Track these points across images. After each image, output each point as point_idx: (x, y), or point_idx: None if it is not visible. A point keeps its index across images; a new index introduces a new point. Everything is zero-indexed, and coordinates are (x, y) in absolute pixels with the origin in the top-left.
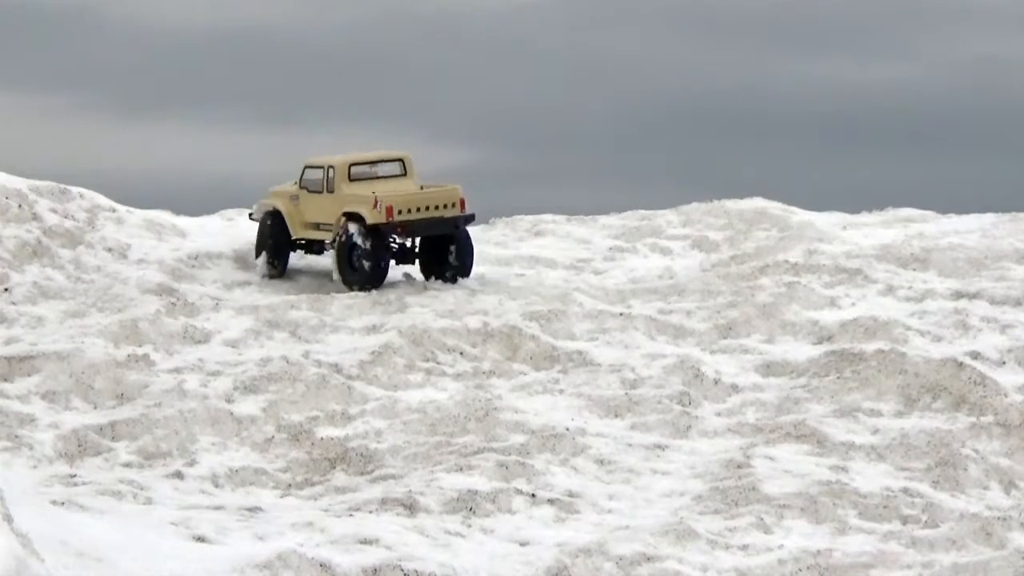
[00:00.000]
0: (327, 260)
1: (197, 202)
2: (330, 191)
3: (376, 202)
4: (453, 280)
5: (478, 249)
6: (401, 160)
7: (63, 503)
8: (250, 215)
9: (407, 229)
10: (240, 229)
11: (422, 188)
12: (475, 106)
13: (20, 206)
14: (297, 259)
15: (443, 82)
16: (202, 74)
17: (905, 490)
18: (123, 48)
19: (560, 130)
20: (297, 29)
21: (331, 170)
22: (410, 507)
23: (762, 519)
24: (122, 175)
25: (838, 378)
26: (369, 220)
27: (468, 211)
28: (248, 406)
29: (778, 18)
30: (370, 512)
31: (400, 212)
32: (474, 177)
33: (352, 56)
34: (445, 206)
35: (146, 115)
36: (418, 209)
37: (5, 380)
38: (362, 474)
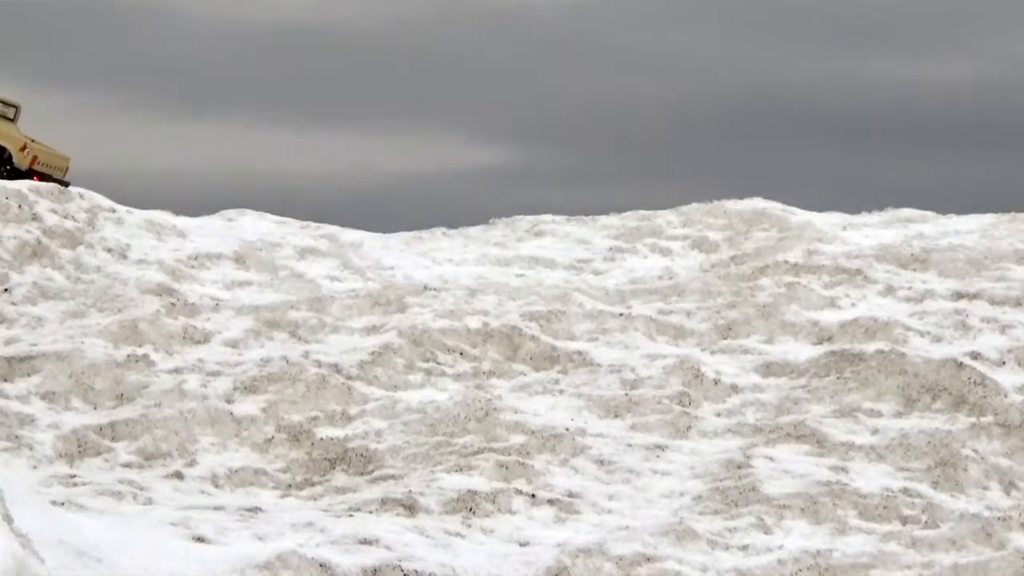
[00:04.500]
0: (322, 264)
1: (198, 203)
2: None
3: (25, 147)
4: None
5: (479, 250)
6: (16, 107)
7: (63, 503)
8: None
9: (39, 178)
10: (240, 229)
11: (33, 141)
12: (522, 105)
13: (20, 206)
14: (296, 260)
15: (493, 80)
16: (253, 72)
17: (905, 490)
18: (176, 43)
19: (605, 130)
20: (351, 25)
21: None
22: (410, 507)
23: (762, 519)
24: (171, 175)
25: (838, 378)
26: (15, 161)
27: (67, 178)
28: (248, 406)
29: (837, 17)
30: (370, 512)
31: (41, 164)
32: (513, 176)
33: (407, 53)
34: (61, 170)
35: (195, 113)
36: (48, 166)
37: (5, 380)
38: (362, 474)
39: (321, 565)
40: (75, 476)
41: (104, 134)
